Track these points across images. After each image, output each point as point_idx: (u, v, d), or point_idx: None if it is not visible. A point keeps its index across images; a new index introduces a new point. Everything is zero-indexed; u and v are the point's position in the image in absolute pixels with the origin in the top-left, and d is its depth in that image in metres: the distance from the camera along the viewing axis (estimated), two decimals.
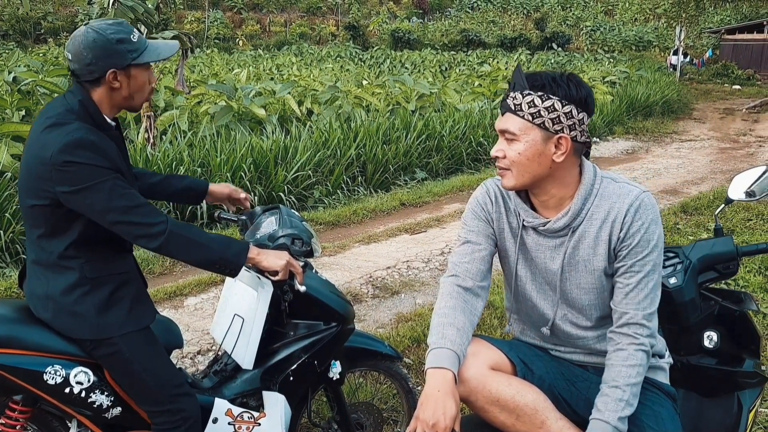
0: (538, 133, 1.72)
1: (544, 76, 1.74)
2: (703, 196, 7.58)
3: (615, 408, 1.68)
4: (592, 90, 1.76)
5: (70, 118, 1.88)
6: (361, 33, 42.65)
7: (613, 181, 1.81)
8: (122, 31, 1.94)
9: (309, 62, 27.72)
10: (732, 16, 40.14)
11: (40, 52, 25.94)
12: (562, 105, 1.70)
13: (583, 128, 1.75)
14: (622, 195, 1.77)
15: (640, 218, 1.74)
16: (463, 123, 10.49)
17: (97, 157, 1.84)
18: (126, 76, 1.95)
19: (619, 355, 1.74)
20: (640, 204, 1.75)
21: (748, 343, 2.23)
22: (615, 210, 1.76)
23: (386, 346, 2.67)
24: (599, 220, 1.78)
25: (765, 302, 4.29)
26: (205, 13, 42.42)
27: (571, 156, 1.76)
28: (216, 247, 1.98)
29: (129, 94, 1.98)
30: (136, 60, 1.94)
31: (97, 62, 1.90)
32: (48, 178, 1.84)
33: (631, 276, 1.76)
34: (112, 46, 1.90)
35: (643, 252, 1.75)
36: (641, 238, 1.74)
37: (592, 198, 1.79)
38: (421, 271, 5.31)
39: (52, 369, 1.94)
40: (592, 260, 1.80)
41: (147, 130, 7.90)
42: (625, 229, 1.75)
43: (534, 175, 1.76)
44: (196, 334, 4.05)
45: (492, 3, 51.91)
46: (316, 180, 7.85)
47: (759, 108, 18.83)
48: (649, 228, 1.74)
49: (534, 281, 1.91)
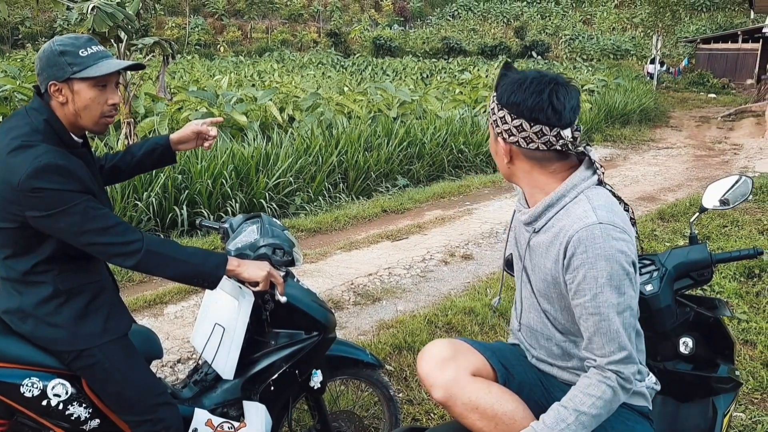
0: (492, 131, 1.77)
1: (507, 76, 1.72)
2: (680, 203, 7.68)
3: (553, 425, 1.63)
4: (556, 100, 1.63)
5: (37, 140, 1.83)
6: (342, 40, 42.76)
7: (587, 201, 1.66)
8: (71, 44, 1.87)
9: (290, 69, 27.69)
10: (707, 25, 40.83)
11: (18, 58, 25.61)
12: (497, 108, 1.70)
13: (526, 135, 1.65)
14: (578, 219, 1.63)
15: (585, 251, 1.59)
16: (444, 130, 10.55)
17: (67, 181, 1.80)
18: (69, 90, 1.88)
19: (582, 381, 1.67)
20: (588, 235, 1.59)
21: (723, 348, 2.27)
22: (564, 232, 1.65)
23: (367, 354, 2.68)
24: (552, 234, 1.70)
25: (740, 308, 4.36)
26: (185, 20, 42.22)
27: (523, 160, 1.73)
28: (194, 262, 1.96)
29: (74, 110, 1.90)
30: (76, 74, 1.86)
31: (42, 73, 1.88)
32: (17, 203, 1.80)
33: (588, 318, 1.63)
34: (54, 58, 1.86)
35: (592, 290, 1.60)
36: (586, 274, 1.60)
37: (557, 209, 1.71)
38: (402, 278, 5.32)
39: (29, 381, 1.92)
40: (542, 269, 1.75)
41: (127, 136, 7.84)
42: (568, 258, 1.63)
43: (502, 170, 1.82)
44: (177, 343, 4.03)
45: (472, 11, 52.28)
46: (298, 187, 7.84)
47: (734, 116, 19.14)
48: (595, 264, 1.58)
49: (517, 266, 1.93)
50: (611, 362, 1.63)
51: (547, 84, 1.65)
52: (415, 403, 3.31)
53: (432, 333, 4.08)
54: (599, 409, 1.63)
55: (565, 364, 1.86)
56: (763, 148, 13.05)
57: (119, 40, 7.31)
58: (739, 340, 3.90)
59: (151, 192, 6.54)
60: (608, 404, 1.64)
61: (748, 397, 3.34)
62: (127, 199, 6.42)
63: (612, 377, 1.64)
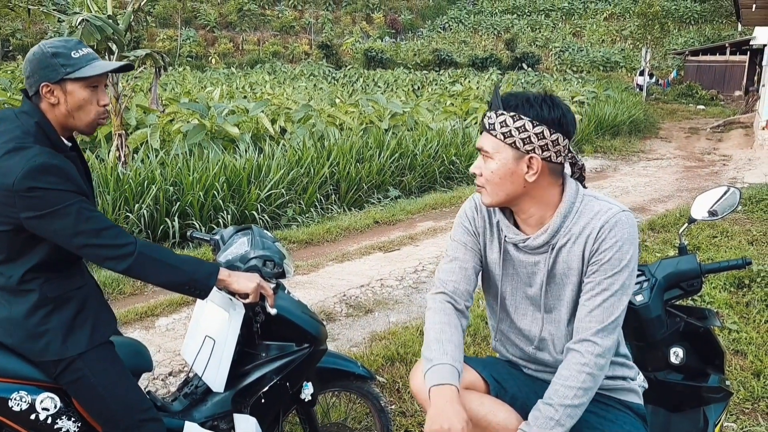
0: (509, 152, 1.73)
1: (519, 96, 1.75)
2: (670, 213, 7.72)
3: (544, 425, 1.67)
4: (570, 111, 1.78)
5: (29, 142, 1.84)
6: (334, 52, 42.91)
7: (595, 199, 1.80)
8: (63, 46, 1.90)
9: (282, 81, 27.78)
10: (695, 38, 41.25)
11: (9, 69, 25.57)
12: (533, 125, 1.70)
13: (558, 149, 1.73)
14: (600, 212, 1.76)
15: (614, 236, 1.72)
16: (436, 142, 10.60)
17: (62, 181, 1.82)
18: (62, 91, 1.90)
19: (561, 374, 1.73)
20: (616, 222, 1.73)
21: (713, 358, 2.28)
22: (591, 226, 1.75)
23: (359, 366, 2.67)
24: (575, 235, 1.77)
25: (730, 318, 4.38)
26: (177, 32, 42.29)
27: (546, 176, 1.76)
28: (186, 269, 1.96)
29: (67, 111, 1.92)
30: (69, 75, 1.88)
31: (33, 75, 1.89)
32: (11, 204, 1.80)
33: (598, 294, 1.73)
34: (46, 59, 1.88)
35: (613, 270, 1.72)
36: (613, 256, 1.72)
37: (572, 216, 1.78)
38: (394, 289, 5.32)
39: (17, 395, 1.91)
40: (568, 274, 1.80)
41: (118, 148, 7.83)
42: (598, 244, 1.73)
43: (508, 194, 1.78)
44: (168, 355, 4.00)
45: (463, 24, 52.61)
46: (290, 198, 7.83)
47: (722, 127, 19.31)
48: (622, 247, 1.72)
49: (515, 297, 1.93)
50: (598, 330, 1.73)
51: (561, 101, 1.77)
52: (408, 415, 3.30)
53: None
54: (581, 398, 1.70)
55: None
56: (752, 159, 13.16)
57: (110, 52, 7.32)
58: (729, 350, 3.92)
59: (143, 204, 6.53)
60: (589, 390, 1.71)
61: (739, 407, 3.35)
62: (119, 211, 6.40)
63: (589, 360, 1.70)
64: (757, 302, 4.62)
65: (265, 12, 51.18)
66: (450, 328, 1.83)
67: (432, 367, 1.73)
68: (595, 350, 1.71)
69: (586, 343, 1.73)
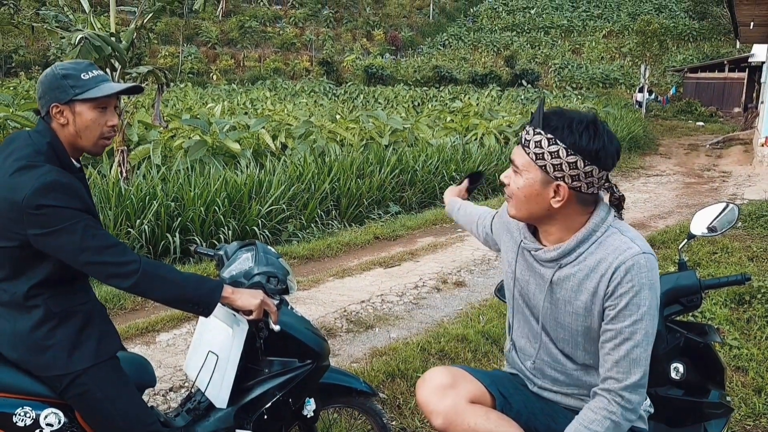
0: (538, 174, 1.69)
1: (563, 117, 1.68)
2: (670, 230, 7.74)
3: None
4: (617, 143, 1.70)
5: (40, 160, 1.88)
6: (334, 68, 43.08)
7: (620, 233, 1.73)
8: (73, 68, 1.95)
9: (283, 97, 27.87)
10: (694, 55, 41.44)
11: (11, 86, 25.70)
12: (566, 153, 1.64)
13: (591, 180, 1.67)
14: (619, 249, 1.68)
15: (631, 280, 1.64)
16: (436, 158, 10.64)
17: (70, 199, 1.85)
18: (71, 112, 1.95)
19: (586, 415, 1.71)
20: (633, 265, 1.65)
21: (713, 374, 2.29)
22: (606, 263, 1.69)
23: (361, 382, 2.67)
24: (588, 267, 1.73)
25: (731, 334, 4.38)
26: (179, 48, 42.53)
27: (573, 204, 1.72)
28: (189, 286, 1.98)
29: (75, 131, 1.96)
30: (79, 96, 1.93)
31: (44, 96, 1.94)
32: (19, 221, 1.83)
33: (621, 344, 1.67)
34: (57, 81, 1.93)
35: (632, 317, 1.65)
36: (630, 301, 1.65)
37: (589, 244, 1.74)
38: (395, 305, 5.32)
39: (21, 411, 1.91)
40: (573, 303, 1.77)
41: (120, 164, 7.86)
42: (613, 286, 1.67)
43: (531, 213, 1.76)
44: (169, 371, 4.00)
45: (463, 41, 52.89)
46: (291, 214, 7.85)
47: (722, 144, 19.37)
48: (639, 292, 1.64)
49: (523, 302, 1.94)
50: (627, 386, 1.67)
51: (605, 130, 1.68)
52: (409, 431, 3.30)
53: (425, 360, 4.07)
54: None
55: (571, 391, 1.89)
56: (752, 176, 13.20)
57: (113, 68, 7.38)
58: (730, 366, 3.92)
59: (144, 219, 6.54)
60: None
61: (741, 424, 3.35)
62: (120, 227, 6.41)
63: (617, 410, 1.67)
64: (758, 318, 4.63)
65: (266, 29, 51.47)
66: None
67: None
68: (625, 406, 1.68)
69: (616, 396, 1.69)
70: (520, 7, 58.71)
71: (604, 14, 53.83)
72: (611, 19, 52.34)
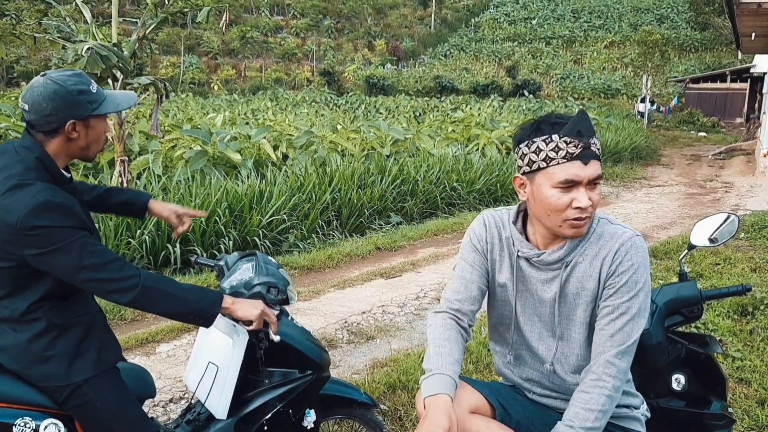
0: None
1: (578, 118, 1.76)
2: (672, 240, 7.72)
3: None
4: None
5: (31, 178, 1.85)
6: (336, 79, 43.26)
7: (609, 222, 1.84)
8: (82, 83, 1.96)
9: (284, 107, 27.95)
10: (696, 65, 41.59)
11: (13, 96, 25.78)
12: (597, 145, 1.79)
13: None
14: (615, 235, 1.79)
15: (630, 259, 1.75)
16: (437, 168, 10.64)
17: (65, 218, 1.83)
18: (85, 126, 1.96)
19: (581, 397, 1.73)
20: (631, 245, 1.77)
21: (715, 385, 2.28)
22: (606, 248, 1.78)
23: (361, 393, 2.66)
24: (590, 256, 1.80)
25: (734, 346, 4.36)
26: (180, 58, 42.71)
27: None
28: (189, 299, 1.97)
29: (86, 144, 1.99)
30: (96, 111, 1.96)
31: (56, 113, 1.90)
32: (14, 242, 1.82)
33: (617, 318, 1.75)
34: (74, 98, 1.92)
35: (630, 293, 1.75)
36: (629, 279, 1.75)
37: (589, 235, 1.82)
38: (396, 316, 5.31)
39: (21, 421, 1.91)
40: (581, 294, 1.82)
41: (121, 174, 7.87)
42: (615, 266, 1.76)
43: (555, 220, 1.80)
44: (169, 382, 3.99)
45: (464, 51, 53.12)
46: (291, 224, 7.85)
47: (724, 154, 19.39)
48: (637, 270, 1.75)
49: (526, 315, 1.93)
50: (618, 352, 1.74)
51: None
52: None
53: None
54: (601, 420, 1.71)
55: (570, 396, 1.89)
56: (754, 186, 13.19)
57: (115, 79, 7.40)
58: (733, 378, 3.90)
59: (144, 230, 6.55)
60: (608, 413, 1.73)
61: None
62: (120, 237, 6.42)
63: (609, 383, 1.72)
64: (761, 330, 4.60)
65: (268, 39, 51.75)
66: (449, 343, 1.85)
67: (425, 378, 1.78)
68: (613, 372, 1.74)
69: (606, 365, 1.74)
70: (522, 17, 59.00)
71: (606, 25, 54.08)
72: (613, 29, 52.58)
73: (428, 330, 1.93)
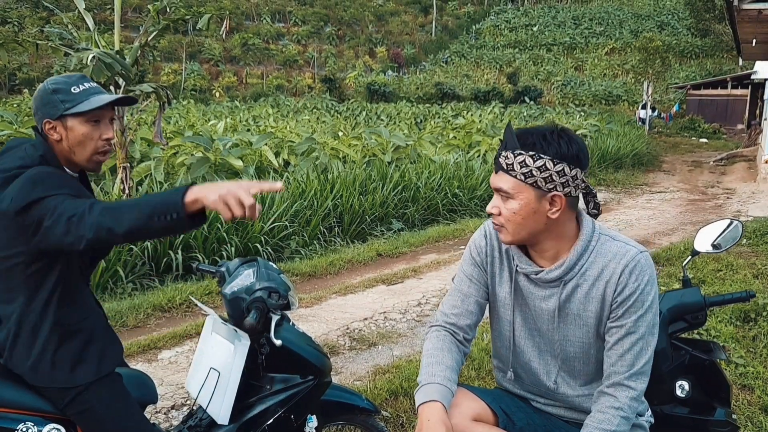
0: (531, 192, 1.71)
1: (535, 134, 1.72)
2: (674, 247, 7.70)
3: None
4: (584, 143, 1.78)
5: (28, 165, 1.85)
6: (337, 85, 43.31)
7: (611, 239, 1.79)
8: (64, 82, 1.91)
9: (285, 114, 27.96)
10: (697, 72, 41.64)
11: (15, 103, 25.86)
12: (553, 164, 1.68)
13: (577, 183, 1.73)
14: (619, 254, 1.75)
15: (636, 280, 1.72)
16: (439, 174, 10.64)
17: (57, 187, 1.79)
18: (63, 127, 1.91)
19: (596, 417, 1.73)
20: (635, 265, 1.73)
21: (719, 391, 2.27)
22: (610, 269, 1.75)
23: (363, 399, 2.66)
24: (592, 277, 1.77)
25: (737, 352, 4.34)
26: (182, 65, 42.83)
27: (566, 211, 1.75)
28: (151, 200, 1.71)
29: (68, 147, 1.93)
30: (69, 110, 1.89)
31: (37, 112, 1.92)
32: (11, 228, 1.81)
33: (625, 337, 1.74)
34: (47, 96, 1.90)
35: (638, 312, 1.72)
36: (636, 299, 1.72)
37: (588, 254, 1.78)
38: (398, 322, 5.30)
39: (23, 426, 1.90)
40: (582, 315, 1.79)
41: (123, 180, 7.88)
42: (620, 288, 1.73)
43: (530, 232, 1.76)
44: (171, 388, 3.98)
45: (465, 57, 53.22)
46: (293, 231, 7.85)
47: (725, 161, 19.38)
48: (644, 290, 1.73)
49: (525, 329, 1.92)
50: (632, 374, 1.73)
51: (573, 133, 1.76)
52: None
53: None
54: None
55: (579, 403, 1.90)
56: (756, 192, 13.18)
57: (117, 86, 7.41)
58: (736, 384, 3.88)
59: None
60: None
61: None
62: (122, 244, 6.40)
63: (624, 403, 1.71)
64: (764, 336, 4.59)
65: (269, 46, 51.89)
66: (442, 352, 1.84)
67: (419, 388, 1.77)
68: (629, 394, 1.73)
69: (620, 387, 1.73)
70: (523, 24, 59.17)
71: (607, 31, 54.17)
72: (613, 36, 52.67)
73: (423, 345, 1.93)
